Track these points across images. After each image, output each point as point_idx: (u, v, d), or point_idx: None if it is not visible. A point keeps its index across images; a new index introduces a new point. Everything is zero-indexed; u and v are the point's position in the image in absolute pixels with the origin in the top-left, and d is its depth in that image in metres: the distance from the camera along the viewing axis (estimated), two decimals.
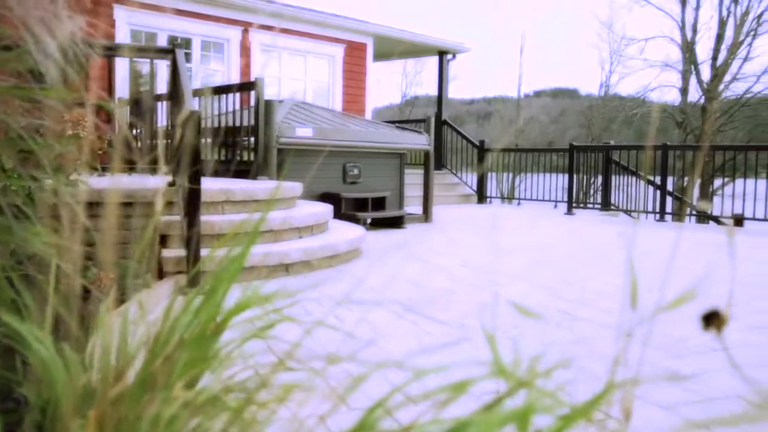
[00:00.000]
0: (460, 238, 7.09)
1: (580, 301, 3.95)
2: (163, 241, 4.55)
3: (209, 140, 7.72)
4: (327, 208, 6.02)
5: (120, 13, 9.17)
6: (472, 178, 13.43)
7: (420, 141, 8.75)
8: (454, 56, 14.42)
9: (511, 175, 18.71)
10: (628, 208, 10.75)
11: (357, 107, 12.41)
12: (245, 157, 7.28)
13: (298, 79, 11.65)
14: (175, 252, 4.36)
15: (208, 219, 4.63)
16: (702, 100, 19.35)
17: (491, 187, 13.41)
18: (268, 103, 7.02)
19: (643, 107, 20.70)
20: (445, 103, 14.21)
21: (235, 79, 10.54)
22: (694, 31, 19.47)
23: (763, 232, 8.44)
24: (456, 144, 14.12)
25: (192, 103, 4.06)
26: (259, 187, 5.27)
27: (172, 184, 4.75)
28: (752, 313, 3.77)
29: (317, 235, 5.50)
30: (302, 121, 7.75)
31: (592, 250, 6.39)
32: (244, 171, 7.11)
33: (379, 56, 14.72)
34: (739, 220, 9.60)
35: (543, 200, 12.38)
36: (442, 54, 14.09)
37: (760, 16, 18.37)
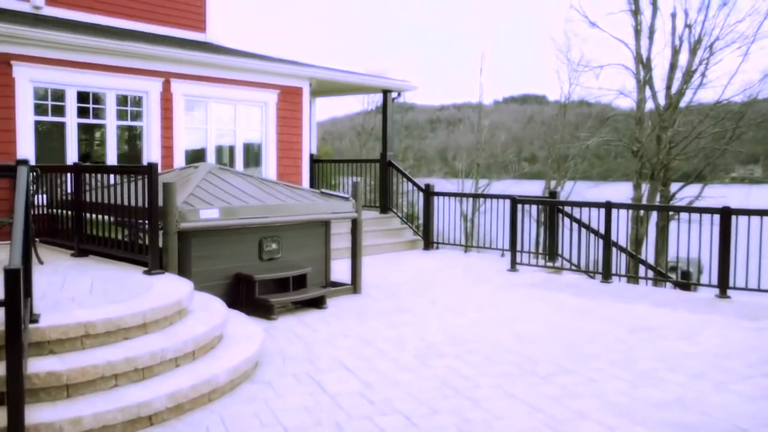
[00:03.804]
0: (377, 332, 6.53)
1: None
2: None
3: (107, 218, 7.09)
4: (220, 317, 5.42)
5: (20, 70, 8.45)
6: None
7: (346, 208, 8.20)
8: (399, 94, 13.93)
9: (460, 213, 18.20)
10: (576, 265, 10.31)
11: (293, 155, 11.83)
12: (144, 241, 6.63)
13: (227, 130, 11.03)
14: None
15: (53, 368, 4.00)
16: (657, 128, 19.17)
17: (438, 231, 12.90)
18: (167, 187, 6.40)
19: (597, 136, 20.46)
20: (390, 142, 13.67)
21: (155, 134, 9.88)
22: (649, 60, 19.27)
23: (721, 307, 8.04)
24: (402, 186, 13.65)
25: (17, 260, 3.44)
26: (130, 312, 4.65)
27: None
28: None
29: (200, 359, 4.89)
30: (212, 196, 7.14)
31: (517, 353, 5.89)
32: (142, 262, 6.48)
33: (321, 93, 14.19)
34: (685, 284, 9.22)
35: (491, 248, 11.95)
36: (386, 93, 13.57)
37: (711, 46, 18.23)
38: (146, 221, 6.44)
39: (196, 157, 10.55)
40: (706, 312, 7.52)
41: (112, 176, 7.35)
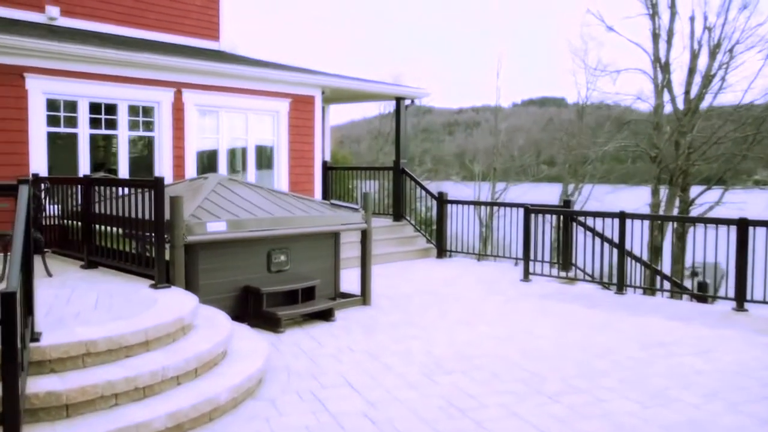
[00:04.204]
0: (385, 347, 6.46)
1: None
2: None
3: (116, 230, 7.10)
4: (225, 333, 5.39)
5: (33, 82, 8.52)
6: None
7: (355, 219, 8.15)
8: (412, 101, 13.87)
9: (475, 220, 18.13)
10: (590, 275, 10.16)
11: (305, 163, 11.81)
12: (152, 253, 6.62)
13: (239, 139, 11.04)
14: None
15: (53, 388, 3.99)
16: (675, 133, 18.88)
17: (452, 238, 12.78)
18: (174, 200, 6.39)
19: (615, 140, 20.21)
20: (403, 150, 13.60)
21: (167, 143, 9.91)
22: (667, 64, 18.99)
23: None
24: (415, 193, 13.58)
25: (15, 282, 3.43)
26: (131, 329, 4.64)
27: None
28: None
29: (203, 377, 4.85)
30: (220, 208, 7.13)
31: (525, 370, 5.79)
32: (149, 275, 6.47)
33: (333, 100, 14.17)
34: (702, 297, 9.04)
35: (505, 257, 11.85)
36: (399, 100, 13.51)
37: (731, 49, 17.93)
38: (151, 234, 6.44)
39: (207, 166, 10.57)
40: (721, 326, 7.36)
41: (120, 189, 7.35)
